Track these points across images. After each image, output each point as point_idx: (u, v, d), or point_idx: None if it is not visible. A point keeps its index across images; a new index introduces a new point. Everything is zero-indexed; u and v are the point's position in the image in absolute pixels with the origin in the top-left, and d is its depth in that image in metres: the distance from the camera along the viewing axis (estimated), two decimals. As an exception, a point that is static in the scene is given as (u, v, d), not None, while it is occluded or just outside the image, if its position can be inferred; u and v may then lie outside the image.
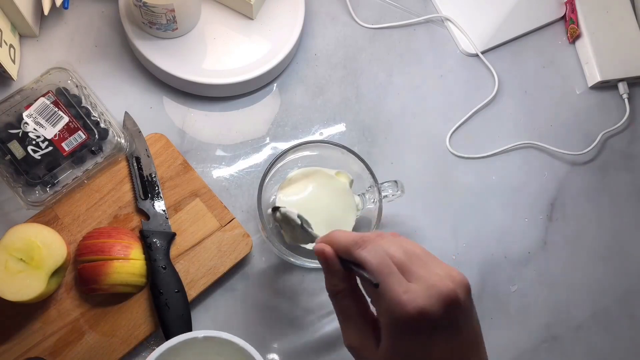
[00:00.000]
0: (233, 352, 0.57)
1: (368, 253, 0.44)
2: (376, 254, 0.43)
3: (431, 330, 0.42)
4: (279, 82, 0.78)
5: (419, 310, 0.41)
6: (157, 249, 0.66)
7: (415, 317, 0.41)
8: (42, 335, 0.64)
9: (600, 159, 0.80)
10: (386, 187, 0.66)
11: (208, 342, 0.57)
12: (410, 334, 0.42)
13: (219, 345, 0.57)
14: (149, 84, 0.75)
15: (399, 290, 0.42)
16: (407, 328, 0.42)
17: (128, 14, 0.73)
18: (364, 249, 0.44)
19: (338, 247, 0.46)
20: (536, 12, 0.84)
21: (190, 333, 0.56)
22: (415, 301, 0.41)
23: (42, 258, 0.61)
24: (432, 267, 0.44)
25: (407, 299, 0.41)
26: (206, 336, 0.56)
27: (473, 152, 0.78)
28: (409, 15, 0.82)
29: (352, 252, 0.45)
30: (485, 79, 0.81)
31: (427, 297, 0.41)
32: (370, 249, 0.44)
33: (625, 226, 0.78)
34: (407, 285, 0.42)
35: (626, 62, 0.80)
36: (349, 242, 0.45)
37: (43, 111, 0.66)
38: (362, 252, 0.44)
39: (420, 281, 0.42)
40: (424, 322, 0.41)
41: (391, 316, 0.42)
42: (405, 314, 0.41)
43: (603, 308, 0.75)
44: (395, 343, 0.43)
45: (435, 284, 0.42)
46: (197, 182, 0.70)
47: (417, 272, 0.43)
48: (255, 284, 0.70)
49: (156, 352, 0.55)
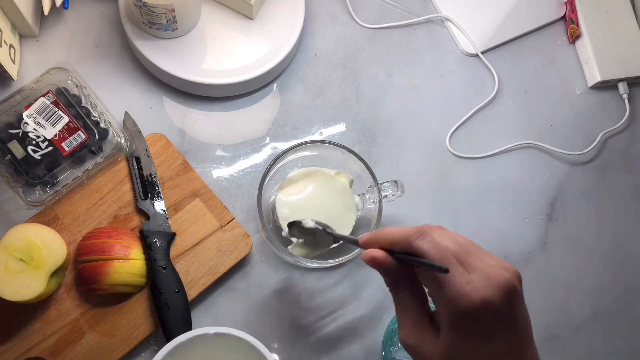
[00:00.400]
0: (243, 349, 0.57)
1: (428, 244, 0.44)
2: (436, 245, 0.43)
3: (494, 322, 0.42)
4: (279, 82, 0.78)
5: (483, 300, 0.41)
6: (157, 249, 0.66)
7: (480, 308, 0.41)
8: (42, 335, 0.64)
9: (600, 159, 0.80)
10: (386, 187, 0.66)
11: (219, 338, 0.57)
12: (473, 325, 0.42)
13: (229, 342, 0.57)
14: (149, 84, 0.75)
15: (462, 280, 0.42)
16: (470, 319, 0.42)
17: (128, 14, 0.73)
18: (423, 240, 0.44)
19: (392, 242, 0.46)
20: (536, 12, 0.84)
21: (201, 329, 0.56)
22: (479, 291, 0.41)
23: (42, 258, 0.61)
24: (485, 258, 0.44)
25: (471, 289, 0.41)
26: (217, 332, 0.56)
27: (473, 152, 0.78)
28: (409, 15, 0.82)
29: (412, 244, 0.44)
30: (485, 79, 0.81)
31: (489, 287, 0.41)
32: (428, 240, 0.44)
33: (625, 226, 0.78)
34: (469, 277, 0.42)
35: (626, 62, 0.80)
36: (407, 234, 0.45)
37: (43, 111, 0.66)
38: (422, 242, 0.44)
39: (478, 272, 0.42)
40: (488, 313, 0.41)
41: (455, 307, 0.42)
42: (470, 304, 0.41)
43: (603, 308, 0.75)
44: (457, 335, 0.43)
45: (493, 274, 0.42)
46: (197, 182, 0.70)
47: (473, 264, 0.43)
48: (255, 284, 0.70)
49: (167, 346, 0.55)
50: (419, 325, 0.46)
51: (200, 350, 0.58)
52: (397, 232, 0.46)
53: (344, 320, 0.70)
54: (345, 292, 0.71)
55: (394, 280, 0.47)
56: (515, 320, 0.43)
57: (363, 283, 0.71)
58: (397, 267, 0.46)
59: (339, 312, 0.70)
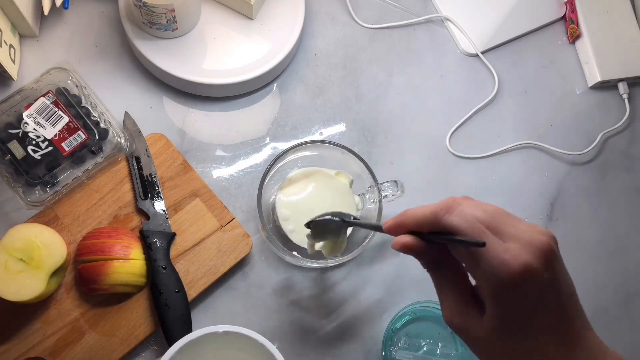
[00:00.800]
0: (252, 347, 0.57)
1: (457, 218, 0.42)
2: (466, 218, 0.42)
3: (538, 289, 0.40)
4: (279, 82, 0.78)
5: (525, 266, 0.39)
6: (157, 249, 0.66)
7: (522, 275, 0.39)
8: (42, 335, 0.64)
9: (600, 159, 0.80)
10: (386, 187, 0.66)
11: (228, 337, 0.56)
12: (518, 295, 0.40)
13: (238, 341, 0.57)
14: (149, 84, 0.75)
15: (499, 249, 0.40)
16: (514, 289, 0.40)
17: (128, 14, 0.73)
18: (451, 215, 0.42)
19: (419, 223, 0.44)
20: (536, 12, 0.84)
21: (211, 327, 0.56)
22: (518, 258, 0.39)
23: (42, 258, 0.61)
24: (517, 224, 0.42)
25: (510, 257, 0.39)
26: (226, 331, 0.56)
27: (473, 152, 0.78)
28: (409, 15, 0.82)
29: (440, 221, 0.42)
30: (485, 79, 0.81)
31: (527, 252, 0.40)
32: (457, 213, 0.42)
33: (625, 226, 0.78)
34: (505, 245, 0.40)
35: (626, 62, 0.80)
36: (432, 212, 0.43)
37: (43, 111, 0.66)
38: (451, 218, 0.42)
39: (513, 239, 0.41)
40: (531, 280, 0.40)
41: (496, 278, 0.40)
42: (511, 273, 0.39)
43: (603, 308, 0.75)
44: (503, 309, 0.41)
45: (529, 239, 0.40)
46: (197, 182, 0.70)
47: (506, 231, 0.41)
48: (255, 284, 0.70)
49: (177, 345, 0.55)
50: (462, 304, 0.44)
51: (208, 349, 0.58)
52: (423, 211, 0.44)
53: (344, 320, 0.70)
54: (345, 292, 0.71)
55: (430, 261, 0.45)
56: (558, 282, 0.41)
57: (363, 283, 0.71)
58: (430, 248, 0.44)
59: (339, 312, 0.70)
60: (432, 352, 0.66)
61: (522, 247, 0.40)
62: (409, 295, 0.71)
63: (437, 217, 0.43)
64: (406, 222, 0.45)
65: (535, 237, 0.41)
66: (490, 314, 0.42)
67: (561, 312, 0.42)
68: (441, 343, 0.66)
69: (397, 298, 0.71)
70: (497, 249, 0.40)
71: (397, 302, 0.70)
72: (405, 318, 0.67)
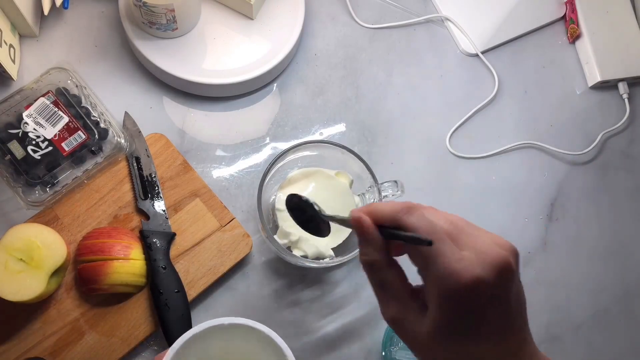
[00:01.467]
0: (259, 339, 0.57)
1: (417, 219, 0.42)
2: (425, 221, 0.42)
3: (485, 302, 0.40)
4: (279, 82, 0.78)
5: (474, 279, 0.39)
6: (157, 249, 0.66)
7: (470, 287, 0.39)
8: (42, 335, 0.64)
9: (600, 159, 0.80)
10: (386, 187, 0.66)
11: (233, 329, 0.56)
12: (463, 305, 0.40)
13: (244, 333, 0.57)
14: (149, 84, 0.75)
15: (452, 257, 0.40)
16: (461, 298, 0.40)
17: (128, 14, 0.73)
18: (412, 215, 0.42)
19: (382, 216, 0.44)
20: (536, 12, 0.84)
21: (216, 320, 0.56)
22: (470, 270, 0.39)
23: (42, 258, 0.61)
24: (479, 234, 0.42)
25: (462, 267, 0.39)
26: (232, 323, 0.56)
27: (473, 152, 0.78)
28: (409, 15, 0.82)
29: (400, 218, 0.43)
30: (485, 79, 0.81)
31: (481, 265, 0.39)
32: (418, 215, 0.42)
33: (625, 226, 0.78)
34: (460, 254, 0.40)
35: (626, 62, 0.80)
36: (395, 209, 0.43)
37: (43, 111, 0.66)
38: (411, 217, 0.42)
39: (470, 249, 0.41)
40: (480, 292, 0.39)
41: (444, 285, 0.40)
42: (460, 284, 0.39)
43: (603, 308, 0.75)
44: (446, 314, 0.41)
45: (486, 251, 0.40)
46: (197, 182, 0.70)
47: (465, 241, 0.41)
48: (255, 284, 0.70)
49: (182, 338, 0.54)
50: (402, 300, 0.44)
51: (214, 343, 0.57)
52: (387, 207, 0.44)
53: (344, 320, 0.70)
54: (345, 292, 0.71)
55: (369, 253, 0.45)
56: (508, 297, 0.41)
57: (363, 283, 0.71)
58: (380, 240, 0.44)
59: (339, 312, 0.70)
60: (432, 352, 0.66)
61: (477, 259, 0.40)
62: (409, 295, 0.71)
63: (397, 214, 0.43)
64: (370, 213, 0.45)
65: (493, 250, 0.40)
66: (432, 317, 0.42)
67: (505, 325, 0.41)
68: (441, 343, 0.66)
69: (397, 298, 0.71)
70: (450, 257, 0.40)
71: (397, 302, 0.70)
72: (405, 318, 0.67)
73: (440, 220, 0.42)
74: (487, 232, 0.43)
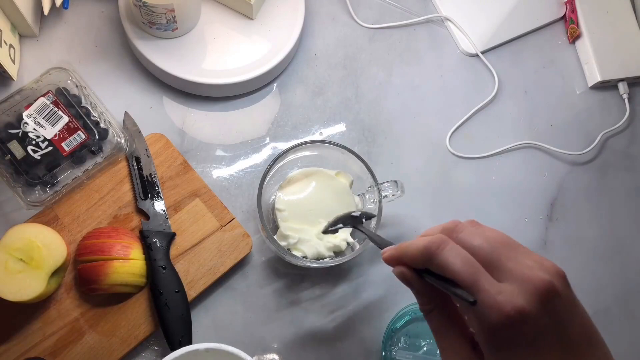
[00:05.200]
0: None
1: (450, 256, 0.38)
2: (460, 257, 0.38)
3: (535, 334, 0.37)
4: (279, 82, 0.78)
5: (518, 310, 0.36)
6: (157, 249, 0.66)
7: (515, 319, 0.36)
8: (42, 335, 0.64)
9: (600, 159, 0.80)
10: (386, 187, 0.66)
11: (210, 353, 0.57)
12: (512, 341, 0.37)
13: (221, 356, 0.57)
14: (149, 84, 0.75)
15: (492, 291, 0.37)
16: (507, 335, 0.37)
17: (128, 14, 0.73)
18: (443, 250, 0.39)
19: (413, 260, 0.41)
20: (536, 12, 0.84)
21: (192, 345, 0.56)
22: (512, 301, 0.36)
23: (42, 258, 0.61)
24: (521, 257, 0.39)
25: (502, 300, 0.36)
26: (208, 348, 0.56)
27: (473, 152, 0.78)
28: (409, 15, 0.82)
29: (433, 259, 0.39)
30: (485, 79, 0.81)
31: (524, 294, 0.36)
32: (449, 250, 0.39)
33: (625, 226, 0.78)
34: (499, 286, 0.37)
35: (626, 62, 0.80)
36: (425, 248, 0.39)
37: (43, 111, 0.66)
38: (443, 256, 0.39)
39: (511, 277, 0.38)
40: (526, 325, 0.36)
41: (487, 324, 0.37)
42: (503, 318, 0.36)
43: (603, 308, 0.75)
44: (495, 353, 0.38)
45: (528, 277, 0.37)
46: (197, 182, 0.70)
47: (505, 266, 0.38)
48: (255, 284, 0.70)
49: None
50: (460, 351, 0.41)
51: None
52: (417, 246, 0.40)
53: (343, 320, 0.70)
54: (345, 292, 0.71)
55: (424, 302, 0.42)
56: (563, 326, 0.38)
57: (363, 283, 0.71)
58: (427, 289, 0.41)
59: (339, 312, 0.70)
60: (432, 352, 0.66)
61: (519, 288, 0.37)
62: (409, 295, 0.70)
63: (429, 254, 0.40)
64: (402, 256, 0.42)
65: (535, 275, 0.37)
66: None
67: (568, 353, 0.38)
68: (441, 343, 0.66)
69: (397, 298, 0.71)
70: (489, 291, 0.37)
71: (397, 302, 0.70)
72: (405, 318, 0.67)
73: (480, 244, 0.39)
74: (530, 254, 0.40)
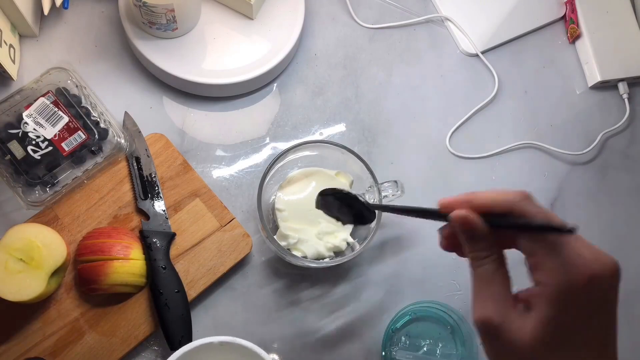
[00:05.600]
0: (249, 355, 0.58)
1: (539, 207, 0.40)
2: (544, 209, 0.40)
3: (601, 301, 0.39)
4: (279, 82, 0.78)
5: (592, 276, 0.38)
6: (157, 249, 0.66)
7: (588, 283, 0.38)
8: (42, 335, 0.64)
9: (600, 159, 0.80)
10: (386, 187, 0.66)
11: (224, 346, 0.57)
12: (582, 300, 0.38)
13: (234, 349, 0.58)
14: (149, 84, 0.75)
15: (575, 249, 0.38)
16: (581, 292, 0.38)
17: (128, 14, 0.73)
18: (531, 203, 0.40)
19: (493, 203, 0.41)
20: (536, 12, 0.84)
21: (207, 338, 0.57)
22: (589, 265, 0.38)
23: (42, 258, 0.61)
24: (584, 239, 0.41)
25: (592, 257, 0.38)
26: (222, 341, 0.57)
27: (473, 152, 0.78)
28: (409, 15, 0.82)
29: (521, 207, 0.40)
30: (485, 79, 0.81)
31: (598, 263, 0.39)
32: (536, 203, 0.40)
33: (625, 226, 0.78)
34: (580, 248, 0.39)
35: (626, 62, 0.80)
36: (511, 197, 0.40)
37: (43, 111, 0.66)
38: (531, 205, 0.40)
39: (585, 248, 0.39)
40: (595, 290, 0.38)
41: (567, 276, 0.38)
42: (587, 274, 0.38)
43: (603, 308, 0.75)
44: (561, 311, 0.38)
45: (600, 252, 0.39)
46: (197, 182, 0.70)
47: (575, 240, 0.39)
48: (255, 284, 0.70)
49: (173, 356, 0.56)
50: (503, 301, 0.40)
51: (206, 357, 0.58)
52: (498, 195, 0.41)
53: (344, 320, 0.70)
54: (345, 292, 0.71)
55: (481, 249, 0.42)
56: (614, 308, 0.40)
57: (363, 283, 0.71)
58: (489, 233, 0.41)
59: (339, 312, 0.70)
60: (432, 352, 0.66)
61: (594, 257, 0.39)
62: (409, 295, 0.71)
63: (514, 200, 0.40)
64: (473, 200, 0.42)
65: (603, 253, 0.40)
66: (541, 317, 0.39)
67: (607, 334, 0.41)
68: (441, 343, 0.66)
69: (397, 298, 0.71)
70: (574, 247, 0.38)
71: (397, 302, 0.70)
72: (405, 318, 0.67)
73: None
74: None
